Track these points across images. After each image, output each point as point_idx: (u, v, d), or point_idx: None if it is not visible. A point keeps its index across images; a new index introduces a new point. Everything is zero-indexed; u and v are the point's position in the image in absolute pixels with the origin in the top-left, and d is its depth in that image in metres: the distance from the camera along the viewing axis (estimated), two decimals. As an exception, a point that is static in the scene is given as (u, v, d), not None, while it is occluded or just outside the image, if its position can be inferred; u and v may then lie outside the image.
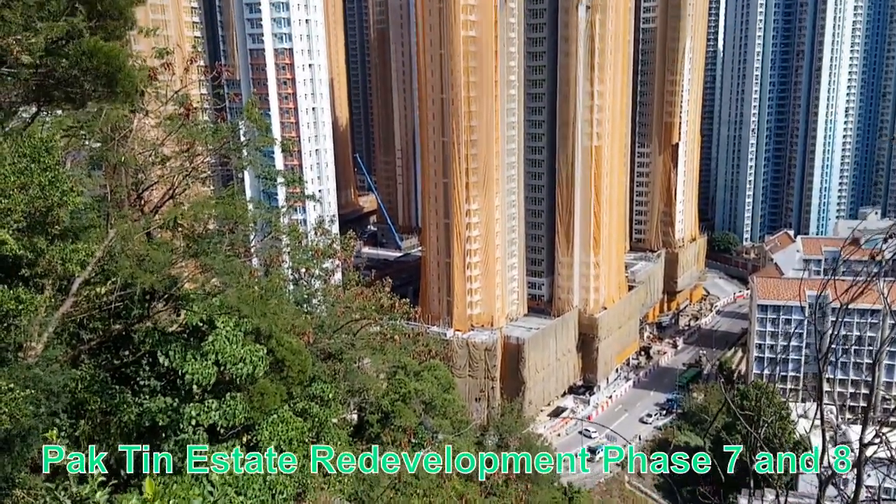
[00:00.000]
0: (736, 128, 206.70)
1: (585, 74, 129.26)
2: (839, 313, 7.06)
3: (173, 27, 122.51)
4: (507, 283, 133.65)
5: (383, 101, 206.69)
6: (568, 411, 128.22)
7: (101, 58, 10.79)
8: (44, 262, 11.42)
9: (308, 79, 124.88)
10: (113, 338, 15.52)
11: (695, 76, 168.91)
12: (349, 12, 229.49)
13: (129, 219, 14.94)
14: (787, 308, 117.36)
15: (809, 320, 71.10)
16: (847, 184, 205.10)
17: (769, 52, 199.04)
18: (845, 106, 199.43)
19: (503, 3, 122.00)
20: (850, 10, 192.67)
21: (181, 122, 17.06)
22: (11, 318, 10.78)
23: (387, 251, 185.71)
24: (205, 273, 15.79)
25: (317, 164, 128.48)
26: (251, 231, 22.15)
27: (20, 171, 10.26)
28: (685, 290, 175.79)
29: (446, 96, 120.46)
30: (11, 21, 10.24)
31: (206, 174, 18.68)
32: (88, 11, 12.19)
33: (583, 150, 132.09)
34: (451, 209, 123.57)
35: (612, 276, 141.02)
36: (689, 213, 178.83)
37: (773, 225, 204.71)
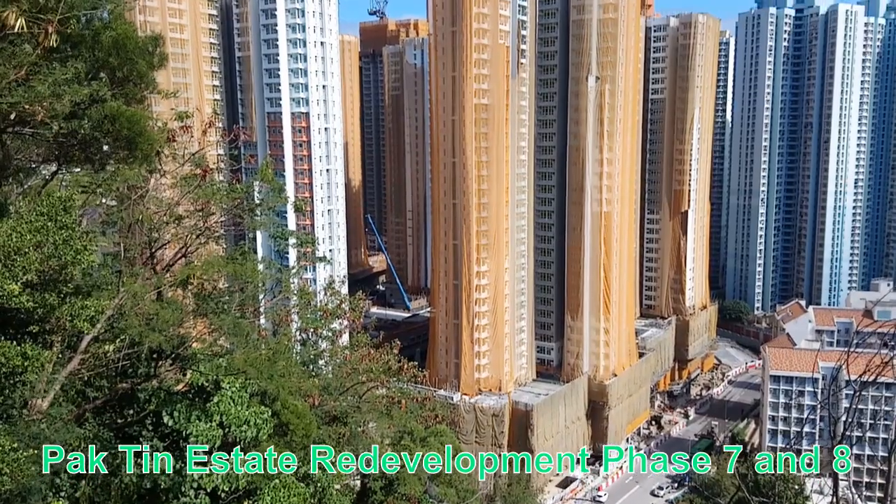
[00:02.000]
0: (745, 197, 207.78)
1: (595, 142, 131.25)
2: (854, 397, 6.95)
3: (194, 90, 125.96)
4: (516, 346, 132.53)
5: (396, 164, 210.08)
6: (577, 482, 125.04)
7: (122, 122, 11.09)
8: (53, 319, 11.46)
9: (323, 141, 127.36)
10: (118, 396, 15.43)
11: (703, 145, 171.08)
12: (365, 78, 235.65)
13: (141, 277, 15.06)
14: (801, 380, 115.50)
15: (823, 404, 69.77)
16: (858, 254, 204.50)
17: (777, 123, 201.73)
18: (854, 177, 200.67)
19: (515, 73, 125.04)
20: (857, 83, 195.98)
21: (197, 182, 17.36)
22: (17, 375, 10.75)
23: (395, 311, 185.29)
24: (213, 333, 15.79)
25: (329, 223, 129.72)
26: (261, 291, 22.22)
27: (36, 228, 10.41)
28: (696, 358, 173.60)
29: (458, 160, 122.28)
30: (40, 90, 10.59)
31: (219, 233, 18.88)
32: (111, 76, 12.60)
33: (592, 215, 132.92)
34: (461, 271, 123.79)
35: (622, 343, 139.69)
36: (699, 280, 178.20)
37: (785, 294, 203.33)
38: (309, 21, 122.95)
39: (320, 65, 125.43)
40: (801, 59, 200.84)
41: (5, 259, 9.96)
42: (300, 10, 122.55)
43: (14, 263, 10.07)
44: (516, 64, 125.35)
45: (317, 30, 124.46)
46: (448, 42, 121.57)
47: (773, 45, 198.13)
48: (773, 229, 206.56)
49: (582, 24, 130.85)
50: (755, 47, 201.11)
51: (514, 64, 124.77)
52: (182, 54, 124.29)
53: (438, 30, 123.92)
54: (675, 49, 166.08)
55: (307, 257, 32.40)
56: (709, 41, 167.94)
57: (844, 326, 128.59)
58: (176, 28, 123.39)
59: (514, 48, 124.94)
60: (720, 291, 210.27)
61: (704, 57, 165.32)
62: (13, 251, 10.00)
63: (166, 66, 14.34)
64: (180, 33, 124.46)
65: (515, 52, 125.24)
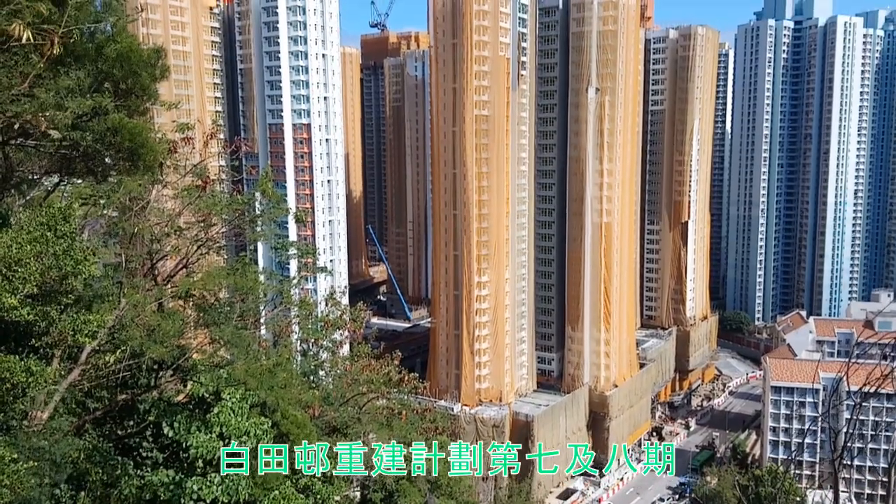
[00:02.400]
0: (745, 207, 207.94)
1: (595, 153, 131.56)
2: (855, 409, 6.97)
3: (195, 101, 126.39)
4: (517, 357, 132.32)
5: (397, 174, 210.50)
6: (578, 493, 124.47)
7: (125, 134, 11.15)
8: (55, 332, 11.46)
9: (324, 152, 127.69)
10: (119, 407, 15.42)
11: (703, 156, 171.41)
12: (367, 89, 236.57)
13: (142, 288, 15.08)
14: (802, 390, 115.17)
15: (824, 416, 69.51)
16: (858, 265, 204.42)
17: (777, 133, 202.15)
18: (854, 188, 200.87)
19: (515, 85, 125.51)
20: (857, 94, 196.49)
21: (198, 194, 17.41)
22: (21, 390, 10.74)
23: (396, 322, 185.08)
24: (214, 344, 15.80)
25: (329, 234, 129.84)
26: (262, 301, 22.23)
27: (36, 238, 10.42)
28: (697, 369, 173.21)
29: (458, 171, 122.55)
30: (44, 101, 10.65)
31: (221, 244, 18.92)
32: (114, 88, 12.68)
33: (592, 226, 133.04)
34: (462, 281, 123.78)
35: (623, 353, 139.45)
36: (699, 291, 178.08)
37: (785, 305, 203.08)
38: (311, 33, 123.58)
39: (322, 76, 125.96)
40: (800, 71, 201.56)
41: (6, 270, 9.97)
42: (302, 23, 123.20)
43: (14, 275, 10.08)
44: (516, 75, 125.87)
45: (318, 42, 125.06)
46: (448, 54, 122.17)
47: (772, 57, 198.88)
48: (773, 240, 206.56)
49: (582, 37, 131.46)
50: (754, 59, 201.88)
51: (515, 75, 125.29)
52: (184, 66, 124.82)
53: (439, 42, 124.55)
54: (675, 61, 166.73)
55: (308, 268, 32.42)
56: (708, 53, 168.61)
57: (845, 337, 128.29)
58: (178, 40, 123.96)
59: (515, 60, 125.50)
60: (721, 302, 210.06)
61: (704, 68, 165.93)
62: (13, 262, 10.02)
63: (168, 77, 14.42)
64: (182, 45, 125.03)
65: (516, 63, 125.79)
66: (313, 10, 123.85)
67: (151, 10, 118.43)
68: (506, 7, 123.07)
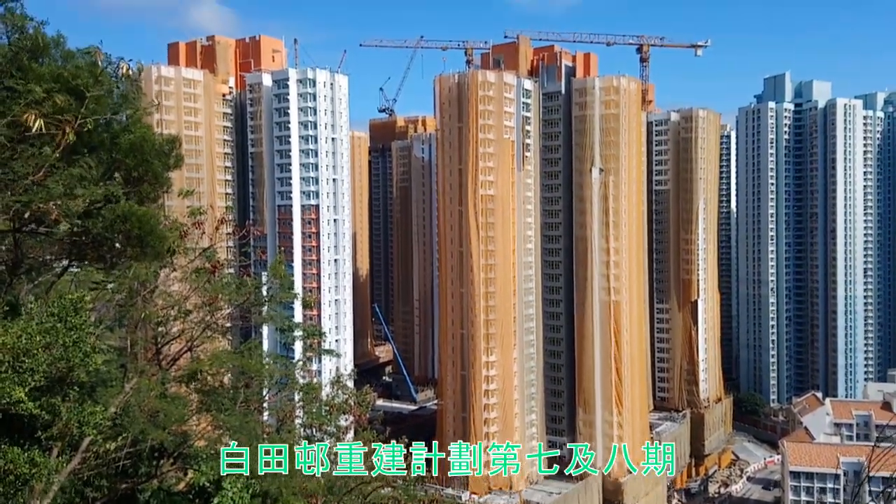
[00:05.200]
0: (755, 286, 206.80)
1: (601, 231, 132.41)
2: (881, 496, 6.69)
3: (206, 185, 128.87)
4: (527, 441, 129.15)
5: (403, 253, 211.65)
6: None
7: (134, 221, 11.29)
8: (60, 425, 11.28)
9: (332, 233, 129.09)
10: (118, 497, 15.00)
11: (709, 235, 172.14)
12: (375, 171, 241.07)
13: (147, 373, 14.94)
14: (822, 476, 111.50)
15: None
16: (873, 344, 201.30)
17: (782, 213, 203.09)
18: (864, 266, 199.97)
19: (520, 166, 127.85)
20: (860, 174, 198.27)
21: (206, 278, 17.47)
22: (23, 481, 10.50)
23: (402, 404, 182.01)
24: (217, 430, 15.51)
25: (335, 314, 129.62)
26: (266, 385, 21.94)
27: (46, 330, 10.40)
28: (713, 453, 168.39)
29: (464, 250, 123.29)
30: (54, 190, 10.86)
31: (227, 327, 18.84)
32: (126, 176, 12.93)
33: (601, 304, 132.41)
34: (469, 360, 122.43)
35: (636, 437, 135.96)
36: (712, 371, 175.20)
37: (800, 385, 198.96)
38: (320, 118, 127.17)
39: (331, 159, 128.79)
40: (802, 151, 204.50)
41: (14, 361, 9.91)
42: (312, 109, 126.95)
43: (22, 366, 10.01)
44: (521, 157, 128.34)
45: (328, 126, 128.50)
46: (454, 137, 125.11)
47: (773, 138, 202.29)
48: (784, 319, 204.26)
49: (584, 120, 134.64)
50: (756, 140, 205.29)
51: (519, 157, 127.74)
52: (196, 150, 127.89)
53: (445, 125, 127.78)
54: (678, 142, 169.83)
55: (314, 349, 32.16)
56: (710, 134, 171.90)
57: (863, 419, 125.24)
58: (191, 126, 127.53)
59: (519, 142, 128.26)
60: (734, 383, 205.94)
61: (706, 150, 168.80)
62: (22, 353, 9.97)
63: (182, 166, 14.70)
64: (195, 130, 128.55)
65: (520, 145, 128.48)
66: (323, 96, 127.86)
67: (165, 97, 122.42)
68: (510, 93, 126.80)
